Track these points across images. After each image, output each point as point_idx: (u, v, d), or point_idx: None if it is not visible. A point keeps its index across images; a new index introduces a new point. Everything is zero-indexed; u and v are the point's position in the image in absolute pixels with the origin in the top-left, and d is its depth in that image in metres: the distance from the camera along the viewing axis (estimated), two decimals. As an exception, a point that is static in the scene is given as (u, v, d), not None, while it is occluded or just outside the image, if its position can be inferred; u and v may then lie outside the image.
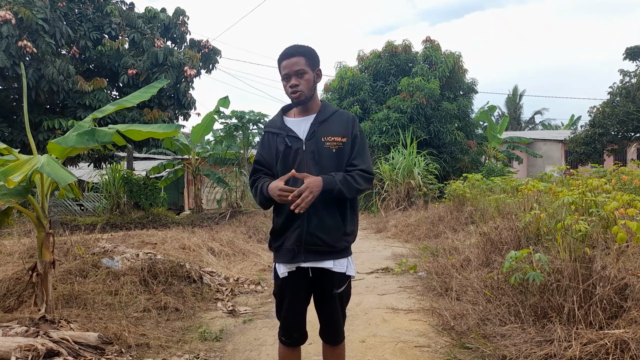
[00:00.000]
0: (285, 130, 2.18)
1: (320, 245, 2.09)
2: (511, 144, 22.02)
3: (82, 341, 3.04)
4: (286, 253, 2.13)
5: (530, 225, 4.72)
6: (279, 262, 2.19)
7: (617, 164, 7.34)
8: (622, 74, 17.77)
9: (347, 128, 2.17)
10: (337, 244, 2.12)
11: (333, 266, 2.13)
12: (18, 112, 9.64)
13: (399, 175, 12.68)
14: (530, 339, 2.97)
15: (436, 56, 17.52)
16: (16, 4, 8.30)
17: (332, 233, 2.10)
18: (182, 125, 5.10)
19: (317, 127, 2.15)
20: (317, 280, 2.18)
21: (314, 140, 2.13)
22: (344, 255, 2.17)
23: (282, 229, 2.15)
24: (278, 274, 2.19)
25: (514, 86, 48.89)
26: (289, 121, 2.22)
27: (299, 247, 2.09)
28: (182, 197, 18.94)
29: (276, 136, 2.20)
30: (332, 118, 2.19)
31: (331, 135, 2.14)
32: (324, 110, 2.21)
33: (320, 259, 2.11)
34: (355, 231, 2.24)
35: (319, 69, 2.21)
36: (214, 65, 12.14)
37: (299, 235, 2.08)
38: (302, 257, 2.10)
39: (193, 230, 8.55)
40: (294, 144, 2.14)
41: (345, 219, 2.15)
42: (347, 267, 2.19)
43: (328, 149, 2.12)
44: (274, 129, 2.22)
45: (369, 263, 6.58)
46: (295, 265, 2.14)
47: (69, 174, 3.01)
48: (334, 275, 2.15)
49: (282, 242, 2.15)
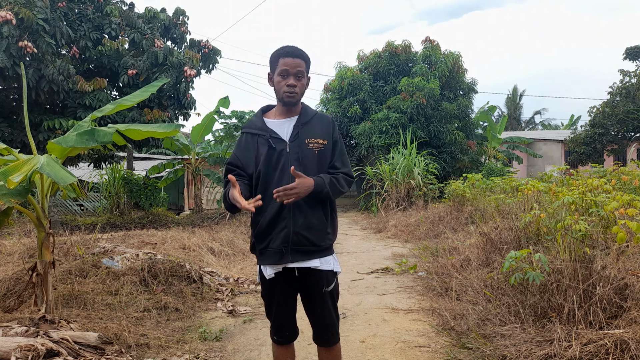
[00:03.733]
0: (267, 131, 2.17)
1: (307, 244, 2.11)
2: (511, 144, 22.03)
3: (82, 341, 3.04)
4: (273, 254, 2.12)
5: (530, 225, 4.72)
6: (264, 264, 2.17)
7: (617, 164, 7.33)
8: (622, 74, 17.76)
9: (327, 131, 2.21)
10: (322, 243, 2.14)
11: (320, 264, 2.15)
12: (18, 112, 9.64)
13: (398, 175, 12.68)
14: (530, 339, 2.97)
15: (436, 56, 17.52)
16: (17, 4, 8.30)
17: (317, 232, 2.12)
18: (182, 125, 5.09)
19: (300, 129, 2.16)
20: (304, 280, 2.17)
21: (297, 142, 2.14)
22: (329, 253, 2.20)
23: (267, 230, 2.13)
24: (265, 275, 2.18)
25: (513, 86, 48.96)
26: (270, 122, 2.21)
27: (286, 247, 2.09)
28: (182, 197, 18.93)
29: (257, 137, 2.18)
30: (314, 120, 2.22)
31: (313, 137, 2.16)
32: (305, 112, 2.23)
33: (307, 258, 2.13)
34: (336, 229, 2.28)
35: (309, 76, 2.25)
36: (214, 65, 12.14)
37: (285, 235, 2.08)
38: (290, 257, 2.10)
39: (193, 230, 8.55)
40: (277, 145, 2.13)
41: (327, 218, 2.18)
42: (334, 264, 2.22)
43: (311, 151, 2.14)
44: (255, 130, 2.20)
45: (369, 263, 6.58)
46: (282, 265, 2.13)
47: (69, 174, 3.01)
48: (322, 273, 2.16)
49: (267, 243, 2.13)
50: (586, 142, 18.36)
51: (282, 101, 2.17)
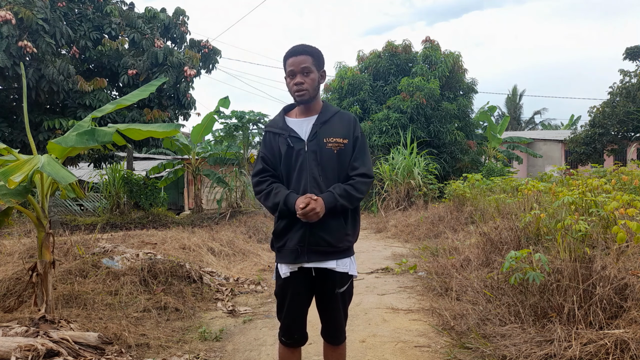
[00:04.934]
0: (287, 130, 2.18)
1: (324, 245, 2.09)
2: (511, 144, 22.03)
3: (82, 341, 3.04)
4: (289, 253, 2.13)
5: (530, 225, 4.72)
6: (281, 262, 2.18)
7: (617, 164, 7.34)
8: (622, 74, 17.77)
9: (348, 129, 2.17)
10: (340, 244, 2.12)
11: (336, 266, 2.13)
12: (18, 112, 9.64)
13: (399, 175, 12.68)
14: (530, 339, 2.97)
15: (436, 56, 17.52)
16: (16, 4, 8.30)
17: (335, 233, 2.10)
18: (182, 125, 5.09)
19: (319, 128, 2.15)
20: (319, 280, 2.17)
21: (315, 141, 2.13)
22: (347, 255, 2.17)
23: (284, 230, 2.14)
24: (280, 274, 2.18)
25: (513, 86, 48.94)
26: (291, 121, 2.22)
27: (302, 247, 2.09)
28: (182, 197, 18.93)
29: (278, 136, 2.19)
30: (334, 119, 2.19)
31: (333, 136, 2.14)
32: (326, 111, 2.21)
33: (324, 259, 2.11)
34: (357, 231, 2.25)
35: (323, 70, 2.22)
36: (214, 65, 12.15)
37: (302, 235, 2.08)
38: (306, 257, 2.10)
39: (193, 230, 8.55)
40: (296, 144, 2.13)
41: (347, 219, 2.16)
42: (350, 267, 2.19)
43: (329, 150, 2.12)
44: (276, 129, 2.21)
45: (369, 263, 6.58)
46: (298, 265, 2.13)
47: (69, 173, 3.01)
48: (337, 275, 2.15)
49: (284, 242, 2.14)
50: (586, 142, 18.37)
51: (295, 101, 2.20)
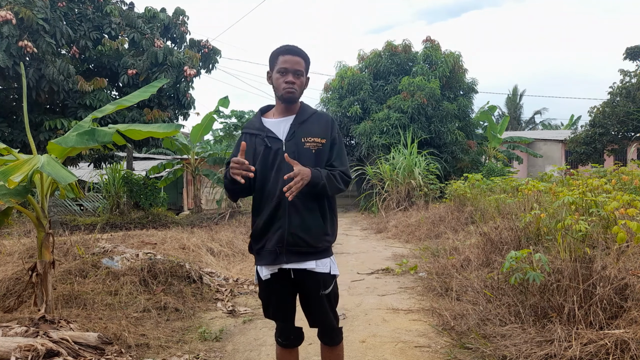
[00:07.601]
0: (264, 131, 2.16)
1: (302, 245, 2.07)
2: (511, 144, 22.04)
3: (82, 341, 3.04)
4: (268, 255, 2.11)
5: (530, 225, 4.72)
6: (260, 265, 2.17)
7: (617, 164, 7.33)
8: (622, 74, 17.77)
9: (326, 130, 2.17)
10: (319, 244, 2.11)
11: (315, 267, 2.11)
12: (18, 112, 9.64)
13: (399, 175, 12.68)
14: (530, 339, 2.96)
15: (436, 56, 17.52)
16: (17, 4, 8.30)
17: (314, 233, 2.09)
18: (182, 125, 5.06)
19: (297, 128, 2.14)
20: (300, 282, 2.15)
21: (294, 141, 2.12)
22: (326, 255, 2.15)
23: (263, 231, 2.12)
24: (261, 276, 2.17)
25: (513, 86, 49.02)
26: (268, 122, 2.20)
27: (280, 248, 2.07)
28: (181, 197, 18.92)
29: (255, 137, 2.17)
30: (312, 119, 2.19)
31: (311, 136, 2.13)
32: (303, 111, 2.21)
33: (302, 259, 2.09)
34: (335, 231, 2.24)
35: (308, 76, 2.23)
36: (214, 65, 12.15)
37: (280, 236, 2.07)
38: (284, 258, 2.08)
39: (192, 231, 8.55)
40: (273, 144, 2.12)
41: (326, 219, 2.15)
42: (331, 267, 2.17)
43: (308, 150, 2.11)
44: (253, 130, 2.20)
45: (369, 263, 6.58)
46: (277, 266, 2.12)
47: (69, 173, 3.01)
48: (319, 276, 2.13)
49: (263, 244, 2.12)
50: (586, 142, 18.37)
51: (281, 98, 2.16)
